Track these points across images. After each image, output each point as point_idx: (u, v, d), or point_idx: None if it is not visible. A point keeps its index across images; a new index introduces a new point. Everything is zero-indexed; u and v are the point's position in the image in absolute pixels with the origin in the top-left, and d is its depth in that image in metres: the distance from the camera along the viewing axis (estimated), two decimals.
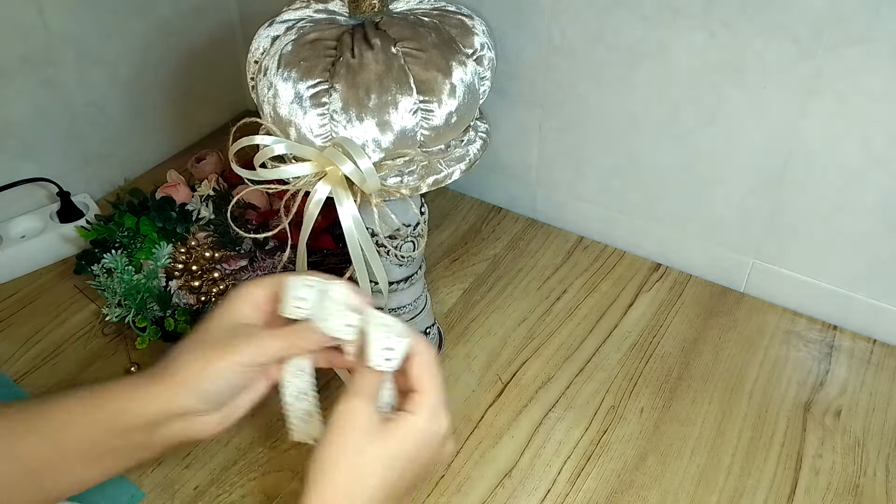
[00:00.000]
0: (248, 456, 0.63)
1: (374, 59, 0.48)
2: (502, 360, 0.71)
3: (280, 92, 0.49)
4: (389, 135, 0.49)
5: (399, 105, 0.48)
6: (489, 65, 0.55)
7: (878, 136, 0.63)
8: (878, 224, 0.67)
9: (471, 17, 0.55)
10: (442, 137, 0.52)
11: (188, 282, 0.72)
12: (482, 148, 0.57)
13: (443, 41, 0.51)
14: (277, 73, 0.49)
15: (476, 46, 0.53)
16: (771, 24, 0.62)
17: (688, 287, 0.79)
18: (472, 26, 0.54)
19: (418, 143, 0.51)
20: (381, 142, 0.49)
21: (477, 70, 0.53)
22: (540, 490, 0.60)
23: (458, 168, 0.54)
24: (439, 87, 0.49)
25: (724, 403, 0.67)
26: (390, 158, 0.50)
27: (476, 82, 0.53)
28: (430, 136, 0.51)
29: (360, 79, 0.47)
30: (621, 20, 0.70)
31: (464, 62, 0.51)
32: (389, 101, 0.48)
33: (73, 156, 0.88)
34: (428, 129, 0.50)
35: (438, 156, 0.53)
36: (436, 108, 0.49)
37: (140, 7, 0.88)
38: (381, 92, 0.48)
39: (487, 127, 0.59)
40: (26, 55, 0.79)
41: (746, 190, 0.72)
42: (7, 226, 0.82)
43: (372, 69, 0.48)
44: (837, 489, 0.60)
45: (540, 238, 0.86)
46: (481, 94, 0.55)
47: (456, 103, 0.50)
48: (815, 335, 0.73)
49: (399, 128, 0.49)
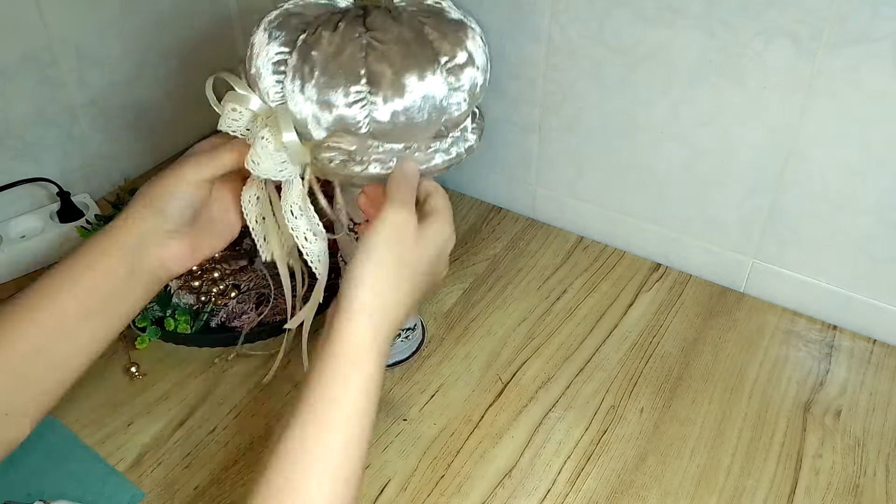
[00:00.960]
0: (248, 456, 0.63)
1: (329, 40, 0.49)
2: (502, 360, 0.71)
3: (254, 51, 0.52)
4: (328, 115, 0.49)
5: (339, 90, 0.49)
6: (468, 79, 0.52)
7: (878, 136, 0.63)
8: (878, 224, 0.67)
9: (462, 27, 0.53)
10: (393, 136, 0.51)
11: (188, 282, 0.72)
12: (451, 161, 0.55)
13: (413, 40, 0.50)
14: (257, 34, 0.52)
15: (454, 56, 0.51)
16: (771, 24, 0.62)
17: (688, 287, 0.79)
18: (458, 35, 0.52)
19: (368, 136, 0.51)
20: (320, 120, 0.50)
21: (447, 80, 0.51)
22: (540, 490, 0.60)
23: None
24: (387, 83, 0.49)
25: (723, 403, 0.67)
26: (329, 142, 0.51)
27: (442, 92, 0.51)
28: (377, 131, 0.50)
29: (310, 55, 0.49)
30: (621, 20, 0.70)
31: (425, 66, 0.50)
32: (332, 83, 0.49)
33: (73, 156, 0.88)
34: (373, 122, 0.50)
35: (394, 154, 0.52)
36: (380, 102, 0.49)
37: (140, 7, 0.88)
38: (325, 72, 0.49)
39: (471, 145, 0.56)
40: (26, 55, 0.79)
41: (746, 190, 0.72)
42: (7, 226, 0.82)
43: (323, 49, 0.49)
44: (837, 489, 0.60)
45: (540, 238, 0.86)
46: (450, 108, 0.52)
47: (404, 104, 0.49)
48: (815, 335, 0.73)
49: (339, 112, 0.49)
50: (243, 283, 0.74)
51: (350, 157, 0.51)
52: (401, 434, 0.64)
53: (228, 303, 0.72)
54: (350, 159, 0.51)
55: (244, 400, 0.67)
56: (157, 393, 0.68)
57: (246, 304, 0.72)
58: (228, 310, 0.72)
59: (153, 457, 0.63)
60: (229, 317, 0.72)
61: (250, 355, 0.71)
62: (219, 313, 0.71)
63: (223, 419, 0.65)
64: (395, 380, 0.69)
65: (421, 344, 0.72)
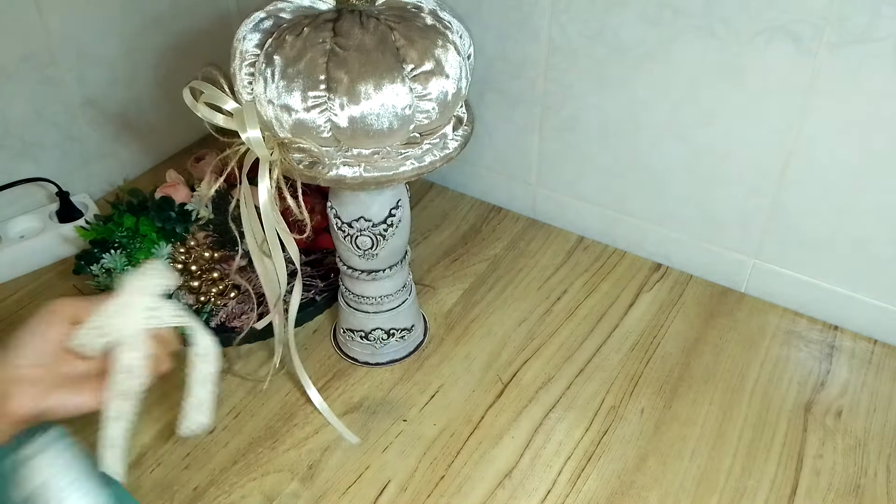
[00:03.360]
0: (248, 456, 0.63)
1: (291, 44, 0.49)
2: (502, 361, 0.71)
3: (234, 50, 0.52)
4: (288, 118, 0.50)
5: (297, 94, 0.49)
6: (438, 92, 0.51)
7: (879, 136, 0.63)
8: (879, 224, 0.67)
9: (439, 34, 0.52)
10: (357, 141, 0.51)
11: (187, 282, 0.72)
12: (423, 170, 0.54)
13: (375, 47, 0.49)
14: (237, 34, 0.53)
15: (421, 64, 0.50)
16: (772, 23, 0.62)
17: (688, 287, 0.79)
18: (431, 42, 0.51)
19: (331, 140, 0.51)
20: (282, 122, 0.51)
21: (413, 88, 0.50)
22: (540, 491, 0.60)
23: (374, 176, 0.53)
24: (343, 89, 0.49)
25: (724, 404, 0.66)
26: (294, 143, 0.51)
27: (404, 101, 0.50)
28: (340, 135, 0.51)
29: (273, 58, 0.50)
30: (622, 20, 0.69)
31: (384, 75, 0.49)
32: (291, 86, 0.49)
33: (73, 156, 0.88)
34: (334, 128, 0.50)
35: (360, 159, 0.53)
36: (337, 108, 0.49)
37: (139, 7, 0.88)
38: (284, 76, 0.49)
39: (450, 153, 0.56)
40: (26, 55, 0.79)
41: (747, 190, 0.72)
42: (6, 226, 0.82)
43: (284, 53, 0.49)
44: (838, 490, 0.60)
45: (540, 238, 0.86)
46: (416, 117, 0.51)
47: (360, 110, 0.49)
48: (816, 335, 0.73)
49: (298, 115, 0.50)
50: (243, 284, 0.74)
51: (317, 158, 0.52)
52: (401, 434, 0.64)
53: (228, 303, 0.72)
54: (317, 161, 0.52)
55: (244, 400, 0.67)
56: (156, 393, 0.67)
57: (246, 304, 0.72)
58: (228, 310, 0.72)
59: (153, 457, 0.63)
60: (229, 317, 0.71)
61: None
62: (218, 313, 0.71)
63: (223, 419, 0.65)
64: (395, 380, 0.69)
65: (420, 345, 0.72)
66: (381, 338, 0.68)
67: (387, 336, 0.68)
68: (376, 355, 0.70)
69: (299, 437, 0.64)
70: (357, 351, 0.70)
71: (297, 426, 0.65)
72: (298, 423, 0.65)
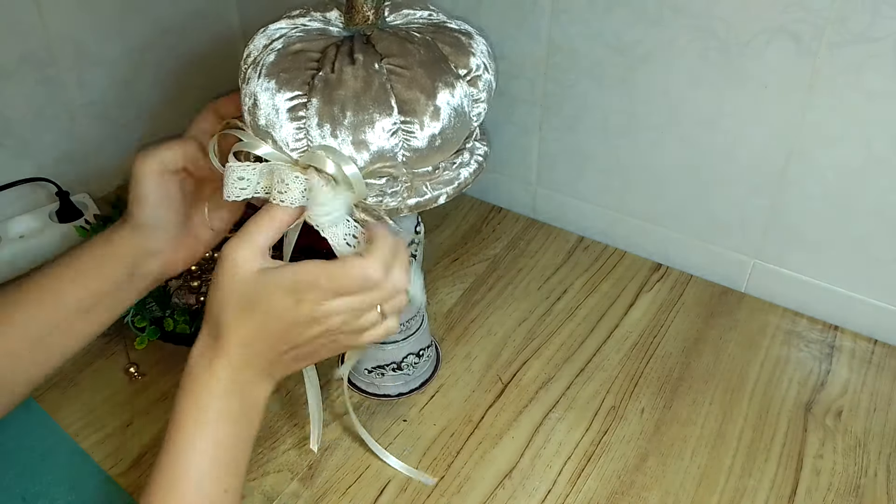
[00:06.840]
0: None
1: (353, 75, 0.46)
2: (502, 361, 0.71)
3: (259, 102, 0.47)
4: (365, 153, 0.47)
5: (376, 124, 0.46)
6: (485, 87, 0.52)
7: (879, 136, 0.63)
8: (879, 224, 0.67)
9: (469, 36, 0.52)
10: (426, 160, 0.50)
11: (187, 281, 0.72)
12: (475, 172, 0.54)
13: (433, 59, 0.49)
14: (258, 84, 0.48)
15: (471, 67, 0.50)
16: (772, 23, 0.62)
17: (688, 287, 0.79)
18: (468, 45, 0.51)
19: (402, 164, 0.49)
20: (357, 160, 0.47)
21: (469, 92, 0.50)
22: (540, 491, 0.60)
23: (445, 192, 0.51)
24: (422, 109, 0.47)
25: (724, 404, 0.66)
26: (373, 176, 0.48)
27: (466, 105, 0.50)
28: (412, 158, 0.49)
29: (336, 95, 0.46)
30: (622, 19, 0.69)
31: (452, 83, 0.49)
32: (366, 119, 0.46)
33: (73, 156, 0.88)
34: (409, 150, 0.48)
35: (424, 178, 0.51)
36: (417, 129, 0.47)
37: (140, 7, 0.88)
38: (357, 110, 0.46)
39: (487, 150, 0.56)
40: (26, 55, 0.79)
41: (747, 190, 0.72)
42: (6, 225, 0.82)
43: (350, 86, 0.46)
44: (839, 490, 0.60)
45: (540, 238, 0.86)
46: (473, 118, 0.52)
47: (440, 126, 0.48)
48: (816, 335, 0.73)
49: (376, 147, 0.47)
50: None
51: (385, 188, 0.49)
52: (401, 435, 0.64)
53: None
54: (383, 192, 0.49)
55: None
56: (157, 393, 0.68)
57: None
58: None
59: (152, 457, 0.62)
60: None
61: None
62: None
63: None
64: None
65: (434, 373, 0.70)
66: (412, 363, 0.67)
67: (417, 359, 0.67)
68: (409, 383, 0.68)
69: (299, 437, 0.64)
70: (389, 386, 0.67)
71: (297, 426, 0.65)
72: (298, 422, 0.65)
